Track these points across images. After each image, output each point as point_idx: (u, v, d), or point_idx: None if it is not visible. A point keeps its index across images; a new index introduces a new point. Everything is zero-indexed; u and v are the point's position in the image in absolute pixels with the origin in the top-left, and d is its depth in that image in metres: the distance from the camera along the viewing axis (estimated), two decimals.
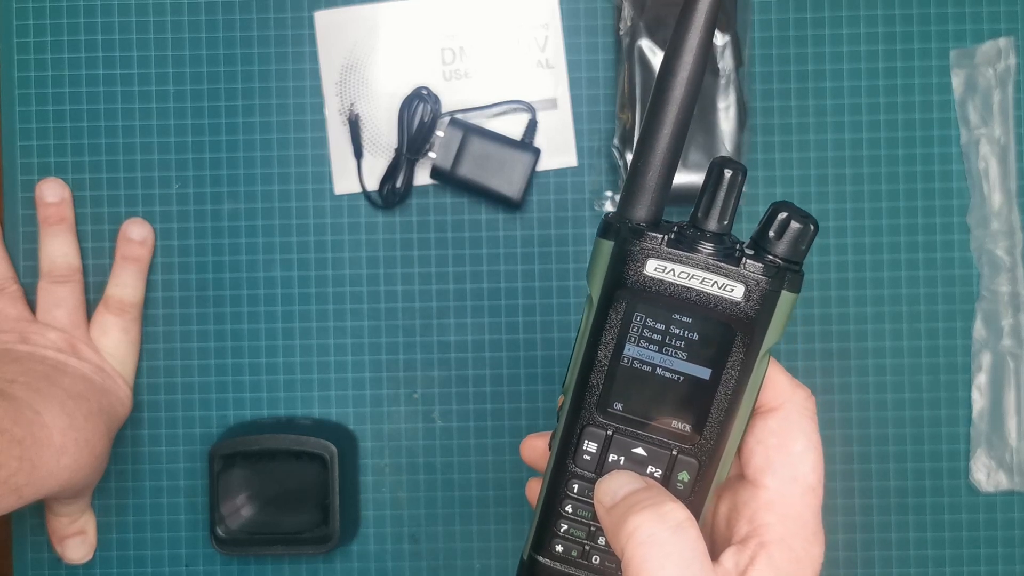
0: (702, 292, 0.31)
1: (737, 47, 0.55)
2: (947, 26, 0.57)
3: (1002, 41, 0.56)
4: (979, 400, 0.57)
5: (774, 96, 0.57)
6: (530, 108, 0.56)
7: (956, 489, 0.57)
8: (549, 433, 0.37)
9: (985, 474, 0.56)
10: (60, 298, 0.54)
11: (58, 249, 0.55)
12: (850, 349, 0.57)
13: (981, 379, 0.57)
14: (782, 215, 0.31)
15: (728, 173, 0.31)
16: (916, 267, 0.57)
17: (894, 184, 0.57)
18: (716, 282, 0.31)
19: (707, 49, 0.31)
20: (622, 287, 0.31)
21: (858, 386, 0.57)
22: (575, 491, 0.34)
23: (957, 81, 0.57)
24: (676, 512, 0.30)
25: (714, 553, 0.35)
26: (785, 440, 0.33)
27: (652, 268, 0.31)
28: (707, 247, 0.31)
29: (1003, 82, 0.56)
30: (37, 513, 0.57)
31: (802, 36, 0.57)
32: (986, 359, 0.57)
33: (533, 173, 0.56)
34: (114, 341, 0.55)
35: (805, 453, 0.33)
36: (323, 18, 0.57)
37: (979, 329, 0.57)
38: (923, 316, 0.57)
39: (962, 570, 0.57)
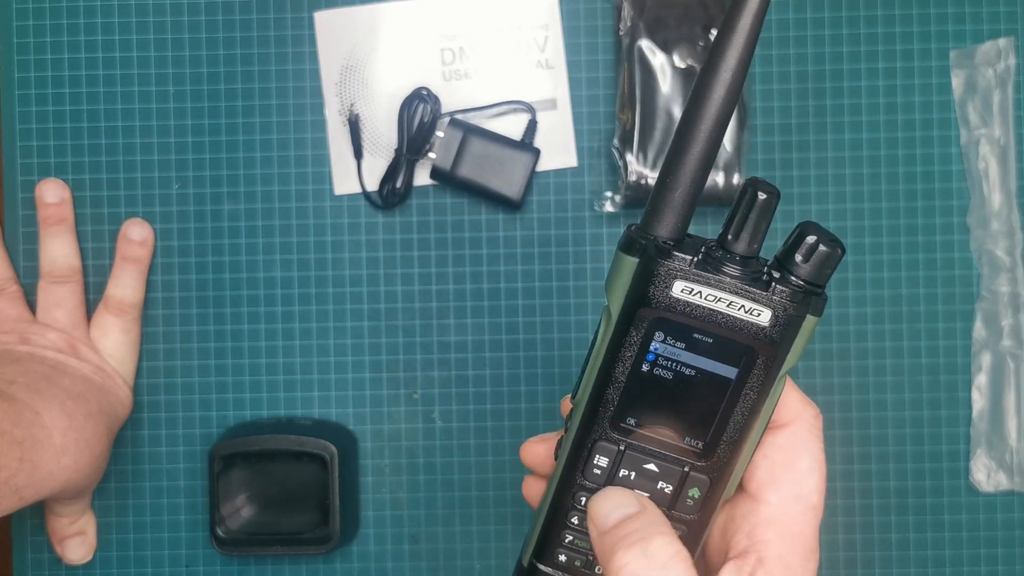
0: (728, 316, 0.30)
1: None
2: (947, 26, 0.57)
3: (1002, 41, 0.56)
4: (979, 400, 0.57)
5: (774, 96, 0.57)
6: (530, 108, 0.56)
7: (956, 489, 0.57)
8: (550, 436, 0.36)
9: (985, 474, 0.56)
10: (60, 298, 0.54)
11: (58, 249, 0.55)
12: (850, 349, 0.57)
13: (981, 379, 0.57)
14: (811, 238, 0.30)
15: (763, 196, 0.29)
16: (916, 267, 0.57)
17: (894, 184, 0.57)
18: (744, 306, 0.30)
19: (747, 66, 0.30)
20: (646, 306, 0.30)
21: (858, 386, 0.57)
22: (583, 504, 0.33)
23: (957, 81, 0.57)
24: (664, 549, 0.30)
25: (708, 563, 0.34)
26: (792, 457, 0.33)
27: (679, 289, 0.30)
28: (735, 270, 0.30)
29: (1003, 82, 0.56)
30: (37, 513, 0.57)
31: (802, 36, 0.57)
32: (986, 359, 0.57)
33: (533, 173, 0.56)
34: (114, 341, 0.55)
35: (810, 472, 0.33)
36: (323, 18, 0.57)
37: (979, 329, 0.57)
38: (923, 316, 0.57)
39: (962, 570, 0.57)
